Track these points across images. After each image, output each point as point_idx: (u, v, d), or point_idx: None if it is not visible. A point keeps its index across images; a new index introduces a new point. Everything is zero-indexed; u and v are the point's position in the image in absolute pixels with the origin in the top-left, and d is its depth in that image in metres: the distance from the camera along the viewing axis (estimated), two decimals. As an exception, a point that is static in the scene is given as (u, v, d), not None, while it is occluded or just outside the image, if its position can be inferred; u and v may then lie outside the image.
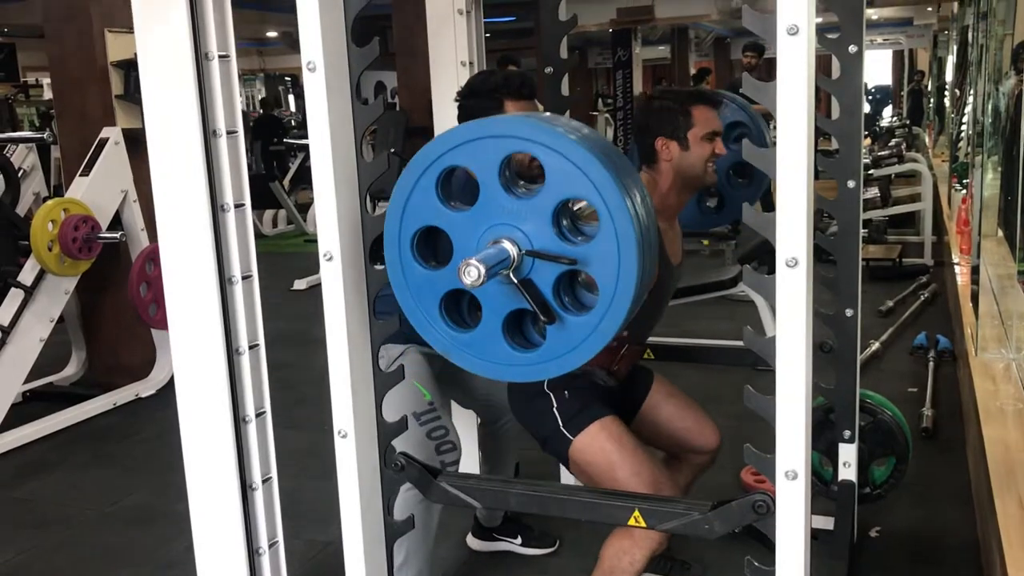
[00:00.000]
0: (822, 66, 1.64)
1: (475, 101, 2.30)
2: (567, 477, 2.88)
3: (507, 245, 1.37)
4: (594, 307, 1.38)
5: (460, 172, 1.45)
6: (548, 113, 1.75)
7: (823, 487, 2.75)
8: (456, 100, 2.41)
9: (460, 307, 1.50)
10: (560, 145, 1.34)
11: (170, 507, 3.34)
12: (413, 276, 1.47)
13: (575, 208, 1.43)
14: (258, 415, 1.91)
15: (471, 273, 1.32)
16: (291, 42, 16.72)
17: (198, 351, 1.86)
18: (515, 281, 1.37)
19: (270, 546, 1.98)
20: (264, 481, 1.94)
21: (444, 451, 2.37)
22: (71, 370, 5.03)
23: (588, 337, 1.38)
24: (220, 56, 1.76)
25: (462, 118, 2.34)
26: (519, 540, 2.94)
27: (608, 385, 2.30)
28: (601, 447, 2.15)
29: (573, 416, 2.19)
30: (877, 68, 18.22)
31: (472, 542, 2.97)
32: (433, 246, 1.48)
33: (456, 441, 2.40)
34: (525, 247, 1.38)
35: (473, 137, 1.40)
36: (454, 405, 2.83)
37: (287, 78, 21.20)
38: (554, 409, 2.20)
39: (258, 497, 1.94)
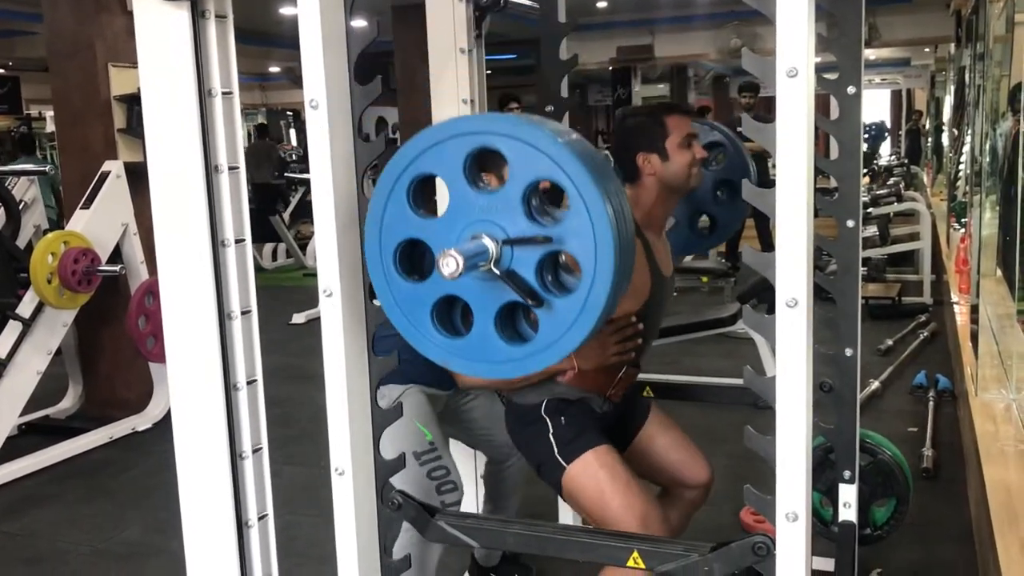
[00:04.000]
0: (820, 105, 1.65)
1: None
2: (565, 516, 2.86)
3: (484, 240, 1.37)
4: (578, 286, 1.37)
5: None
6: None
7: (823, 528, 2.73)
8: None
9: (451, 315, 1.49)
10: (515, 131, 1.35)
11: (165, 543, 3.31)
12: (400, 291, 1.47)
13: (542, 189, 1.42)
14: (255, 451, 1.90)
15: (449, 264, 1.31)
16: (293, 77, 16.87)
17: (196, 385, 1.85)
18: (498, 273, 1.37)
19: (265, 584, 1.96)
20: (260, 518, 1.92)
21: (445, 491, 2.35)
22: (68, 403, 5.01)
23: (578, 317, 1.36)
24: (223, 92, 1.77)
25: None
26: (516, 579, 2.91)
27: (604, 411, 2.29)
28: (594, 476, 2.14)
29: (568, 443, 2.17)
30: (874, 107, 18.35)
31: (469, 581, 2.94)
32: (414, 259, 1.48)
33: (458, 481, 2.39)
34: (502, 238, 1.38)
35: (433, 142, 1.40)
36: (458, 444, 2.81)
37: (288, 112, 21.34)
38: (550, 435, 2.19)
39: (254, 535, 1.92)
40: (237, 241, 1.82)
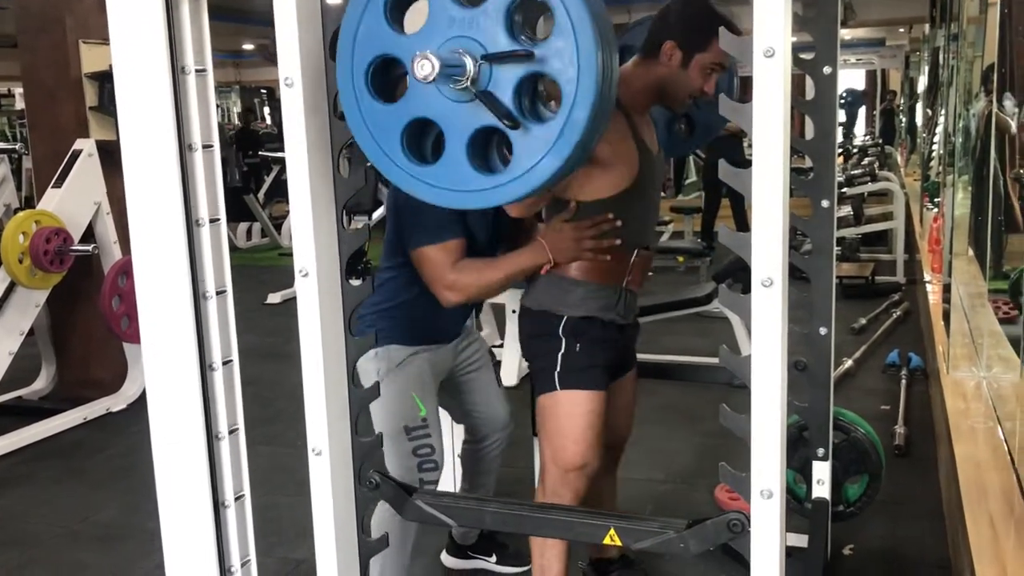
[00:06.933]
0: (796, 86, 1.65)
1: None
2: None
3: (462, 54, 1.31)
4: (557, 111, 1.32)
5: None
6: None
7: (797, 505, 2.76)
8: None
9: (422, 142, 1.44)
10: None
11: (141, 524, 3.30)
12: (371, 113, 1.41)
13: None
14: (231, 431, 1.89)
15: (424, 67, 1.26)
16: (267, 55, 16.69)
17: (170, 366, 1.84)
18: (475, 92, 1.31)
19: (242, 565, 1.95)
20: (237, 499, 1.92)
21: (426, 469, 2.37)
22: (41, 384, 4.96)
23: (555, 142, 1.31)
24: (197, 70, 1.75)
25: None
26: (494, 558, 2.92)
27: (622, 317, 2.28)
28: (572, 412, 2.17)
29: (573, 371, 2.18)
30: (849, 85, 18.45)
31: (447, 560, 2.95)
32: (388, 82, 1.42)
33: (440, 460, 2.40)
34: (480, 55, 1.31)
35: None
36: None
37: (263, 90, 21.13)
38: (559, 354, 2.19)
39: (230, 515, 1.91)
40: (212, 220, 1.80)
